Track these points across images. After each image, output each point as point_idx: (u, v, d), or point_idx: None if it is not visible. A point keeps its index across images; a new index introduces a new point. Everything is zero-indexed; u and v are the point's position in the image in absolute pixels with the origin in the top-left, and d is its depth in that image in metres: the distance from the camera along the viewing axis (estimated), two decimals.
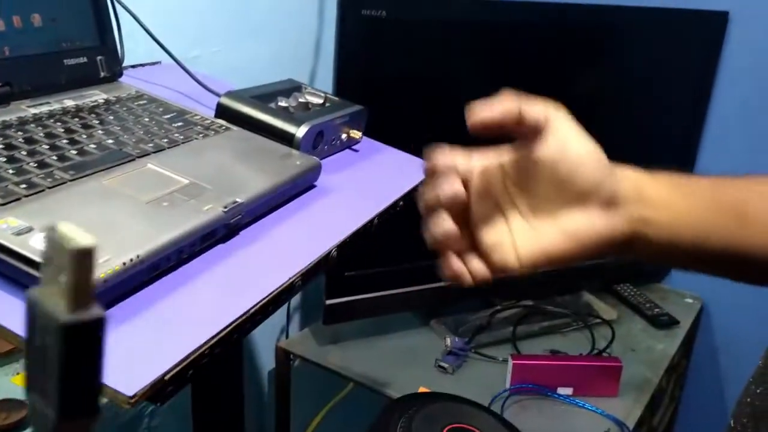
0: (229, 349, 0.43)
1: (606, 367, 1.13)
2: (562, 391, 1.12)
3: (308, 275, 0.51)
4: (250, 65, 1.13)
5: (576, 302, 1.37)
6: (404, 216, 0.66)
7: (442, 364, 1.16)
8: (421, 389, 1.09)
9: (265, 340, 1.34)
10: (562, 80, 1.19)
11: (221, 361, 0.42)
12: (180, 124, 0.65)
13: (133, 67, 0.84)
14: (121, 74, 0.73)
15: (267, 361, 1.37)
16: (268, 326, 1.33)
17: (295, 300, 1.40)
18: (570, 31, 1.20)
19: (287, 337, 1.35)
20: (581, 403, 1.10)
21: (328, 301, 1.15)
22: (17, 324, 0.39)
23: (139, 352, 0.39)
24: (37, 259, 0.40)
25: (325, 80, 1.22)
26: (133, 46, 0.79)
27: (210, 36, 1.05)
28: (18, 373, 0.89)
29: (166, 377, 0.37)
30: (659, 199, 0.41)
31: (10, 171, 0.49)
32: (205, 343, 0.40)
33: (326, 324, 1.18)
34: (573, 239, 0.40)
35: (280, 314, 1.34)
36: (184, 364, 0.39)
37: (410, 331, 1.28)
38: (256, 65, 1.14)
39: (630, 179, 0.41)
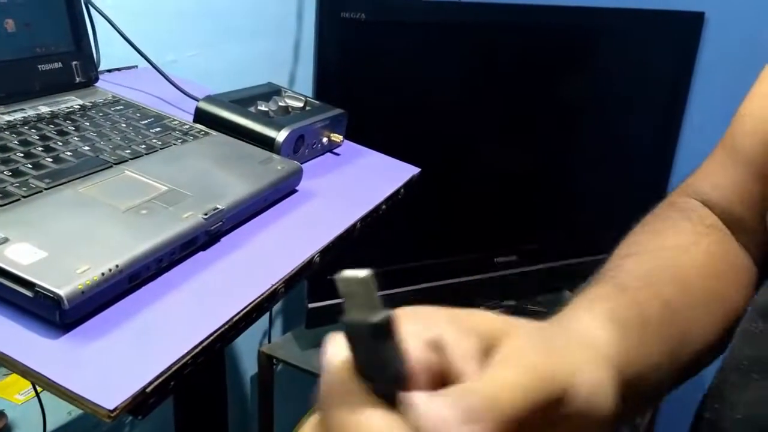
0: (211, 357, 0.42)
1: None
2: None
3: (291, 281, 0.51)
4: (229, 69, 1.12)
5: (557, 301, 1.38)
6: (386, 219, 0.66)
7: None
8: None
9: (247, 345, 1.33)
10: (539, 81, 1.20)
11: (203, 368, 0.41)
12: (158, 129, 0.64)
13: (109, 71, 0.83)
14: (96, 79, 0.72)
15: (249, 366, 1.36)
16: (250, 331, 1.32)
17: (277, 304, 1.40)
18: (547, 33, 1.21)
19: (269, 341, 1.34)
20: None
21: (311, 305, 1.14)
22: None
23: (119, 364, 0.38)
24: (12, 270, 0.39)
25: (305, 83, 1.22)
26: (109, 51, 0.78)
27: (187, 39, 1.04)
28: None
29: (148, 389, 0.37)
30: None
31: None
32: (188, 353, 0.40)
33: (309, 328, 1.18)
34: None
35: (262, 319, 1.33)
36: (166, 375, 0.38)
37: None
38: (234, 69, 1.13)
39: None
